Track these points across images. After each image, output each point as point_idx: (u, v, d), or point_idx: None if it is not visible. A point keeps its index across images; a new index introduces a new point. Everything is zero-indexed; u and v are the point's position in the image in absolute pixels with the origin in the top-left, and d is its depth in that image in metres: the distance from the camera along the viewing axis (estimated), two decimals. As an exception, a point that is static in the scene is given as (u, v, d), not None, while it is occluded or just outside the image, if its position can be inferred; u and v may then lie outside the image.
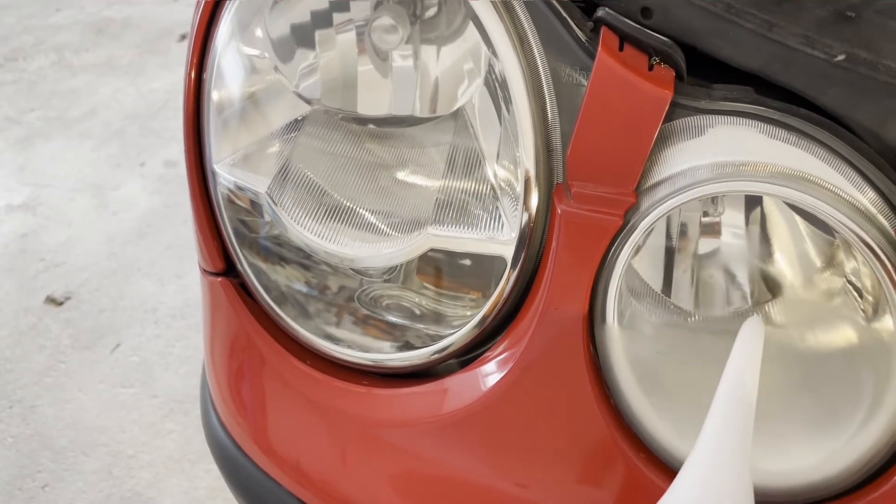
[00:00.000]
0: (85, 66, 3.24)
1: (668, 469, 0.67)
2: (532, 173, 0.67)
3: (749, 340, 0.61)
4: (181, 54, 3.26)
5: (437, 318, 0.80)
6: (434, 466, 0.74)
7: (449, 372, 0.76)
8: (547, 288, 0.66)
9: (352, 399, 0.76)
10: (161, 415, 1.91)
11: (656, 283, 0.73)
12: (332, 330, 0.81)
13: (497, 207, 0.71)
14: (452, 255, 0.76)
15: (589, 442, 0.67)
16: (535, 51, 0.66)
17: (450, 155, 0.77)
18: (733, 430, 0.55)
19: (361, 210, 0.78)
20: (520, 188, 0.68)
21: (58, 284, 2.27)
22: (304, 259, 0.82)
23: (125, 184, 2.62)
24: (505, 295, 0.71)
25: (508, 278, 0.70)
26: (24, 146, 2.83)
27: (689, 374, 0.69)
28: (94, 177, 2.66)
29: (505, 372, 0.69)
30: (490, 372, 0.70)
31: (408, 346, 0.80)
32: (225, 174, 0.79)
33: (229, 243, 0.80)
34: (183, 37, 3.34)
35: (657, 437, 0.66)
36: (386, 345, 0.81)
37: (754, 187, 0.59)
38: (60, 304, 2.21)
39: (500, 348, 0.70)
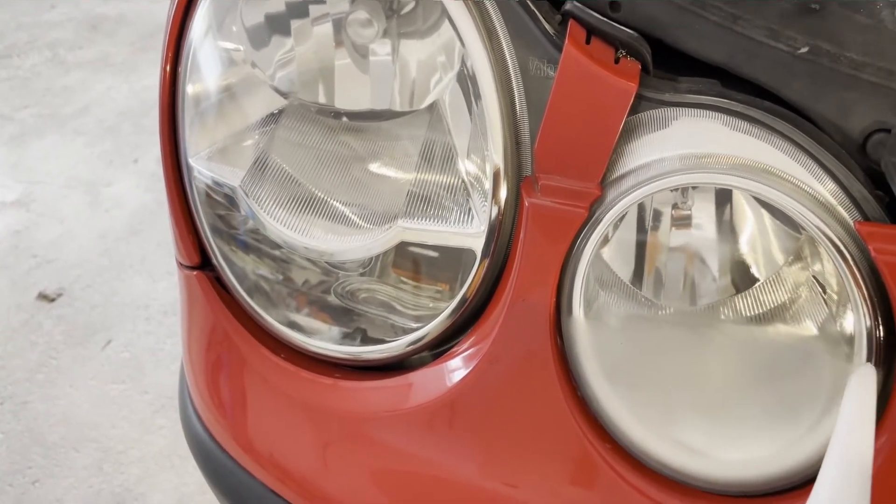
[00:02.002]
0: (79, 63, 3.24)
1: (635, 462, 0.67)
2: (501, 166, 0.67)
3: (861, 393, 0.54)
4: (175, 51, 3.26)
5: (412, 309, 0.81)
6: (404, 460, 0.74)
7: (423, 364, 0.76)
8: (515, 280, 0.66)
9: (322, 392, 0.76)
10: (151, 411, 1.92)
11: (625, 275, 0.73)
12: (307, 322, 0.81)
13: (468, 200, 0.71)
14: (425, 248, 0.77)
15: (556, 434, 0.67)
16: (504, 44, 0.67)
17: (423, 148, 0.77)
18: (850, 488, 0.50)
19: (335, 202, 0.78)
20: (489, 181, 0.68)
21: (50, 281, 2.27)
22: (279, 253, 0.82)
23: (118, 181, 2.63)
24: (476, 287, 0.71)
25: (479, 271, 0.70)
26: (17, 143, 2.83)
27: (656, 367, 0.69)
28: (86, 174, 2.66)
29: (474, 364, 0.69)
30: (458, 365, 0.70)
31: (383, 339, 0.80)
32: (200, 168, 0.79)
33: (204, 237, 0.80)
34: (177, 34, 3.34)
35: (624, 429, 0.67)
36: (361, 337, 0.81)
37: (716, 179, 0.59)
38: (52, 300, 2.21)
39: (470, 341, 0.70)
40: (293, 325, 0.80)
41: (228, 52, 0.78)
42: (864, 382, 0.56)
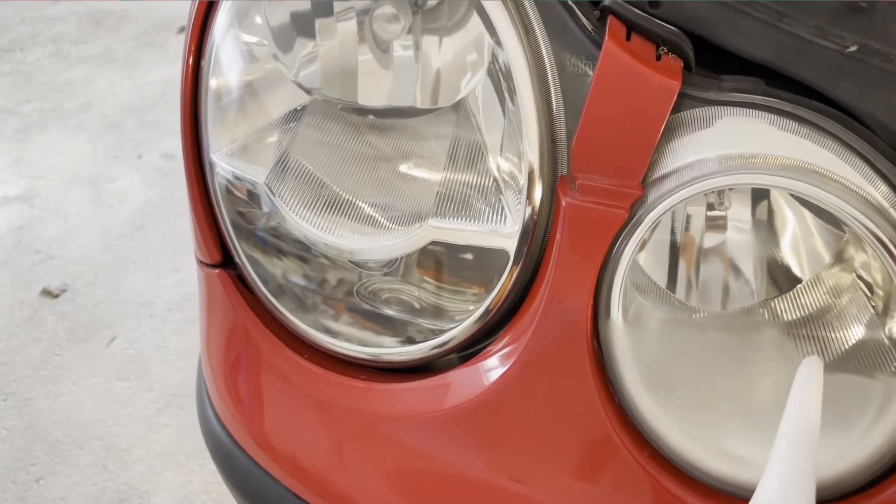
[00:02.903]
0: (82, 58, 3.22)
1: (670, 466, 0.66)
2: (536, 165, 0.66)
3: (808, 378, 0.57)
4: (179, 47, 3.22)
5: (437, 312, 0.79)
6: (434, 462, 0.72)
7: (449, 366, 0.75)
8: (550, 282, 0.64)
9: (352, 394, 0.75)
10: (156, 409, 1.90)
11: (660, 279, 0.72)
12: (331, 323, 0.80)
13: (500, 200, 0.69)
14: (453, 249, 0.75)
15: (591, 439, 0.66)
16: (540, 40, 0.65)
17: (451, 147, 0.76)
18: (797, 471, 0.53)
19: (361, 202, 0.77)
20: (523, 180, 0.66)
21: (53, 277, 2.25)
22: (303, 251, 0.80)
23: (121, 176, 2.61)
24: (507, 290, 0.70)
25: (511, 273, 0.69)
26: (20, 138, 2.81)
27: (696, 372, 0.68)
28: (90, 169, 2.64)
29: (506, 367, 0.67)
30: (491, 367, 0.69)
31: (408, 341, 0.78)
32: (223, 164, 0.77)
33: (227, 235, 0.79)
34: (181, 29, 3.32)
35: (661, 434, 0.65)
36: (385, 339, 0.80)
37: (764, 180, 0.58)
38: (56, 296, 2.20)
39: (502, 343, 0.69)
40: (316, 325, 0.79)
41: (252, 47, 0.77)
42: (810, 373, 0.58)
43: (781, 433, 0.55)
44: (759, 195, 0.70)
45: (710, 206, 0.71)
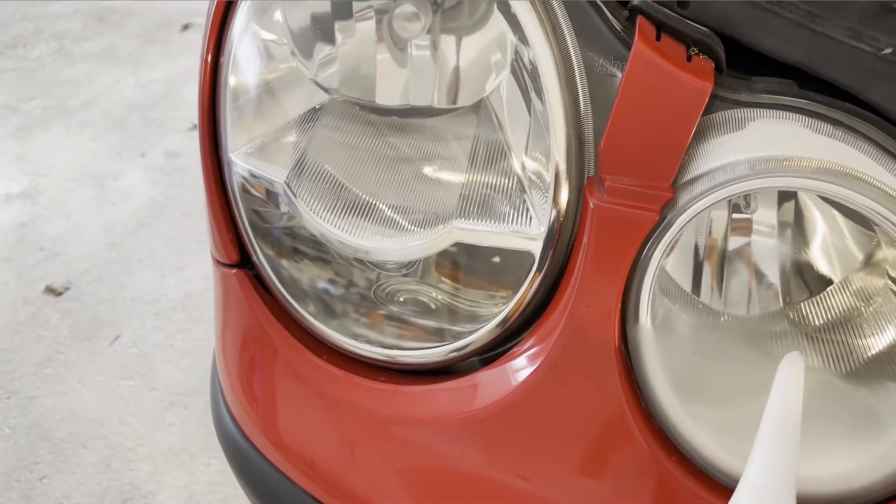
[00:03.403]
0: (85, 55, 3.21)
1: (699, 472, 0.65)
2: (563, 166, 0.65)
3: (789, 374, 0.58)
4: (182, 45, 3.23)
5: (457, 315, 0.79)
6: (455, 466, 0.72)
7: (470, 368, 0.74)
8: (577, 285, 0.64)
9: (373, 396, 0.74)
10: (161, 408, 1.89)
11: (685, 283, 0.71)
12: (349, 324, 0.79)
13: (524, 202, 0.69)
14: (475, 251, 0.74)
15: (619, 443, 0.65)
16: (568, 40, 0.64)
17: (472, 148, 0.75)
18: (779, 466, 0.54)
19: (382, 205, 0.76)
20: (550, 181, 0.65)
21: (57, 274, 2.24)
22: (321, 252, 0.80)
23: (125, 174, 2.60)
24: (530, 294, 0.69)
25: (532, 280, 0.68)
26: (23, 134, 2.80)
27: (722, 377, 0.67)
28: (93, 166, 2.63)
29: (531, 370, 0.67)
30: (515, 370, 0.68)
31: (426, 344, 0.78)
32: (241, 163, 0.77)
33: (245, 234, 0.78)
34: (184, 27, 3.31)
35: (690, 439, 0.64)
36: (403, 341, 0.79)
37: (798, 183, 0.57)
38: (59, 294, 2.19)
39: (526, 346, 0.68)
40: (334, 326, 0.78)
41: (271, 45, 0.76)
42: (791, 370, 0.59)
43: (762, 431, 0.56)
44: (786, 196, 0.69)
45: (736, 209, 0.70)
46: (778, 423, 0.55)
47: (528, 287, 0.69)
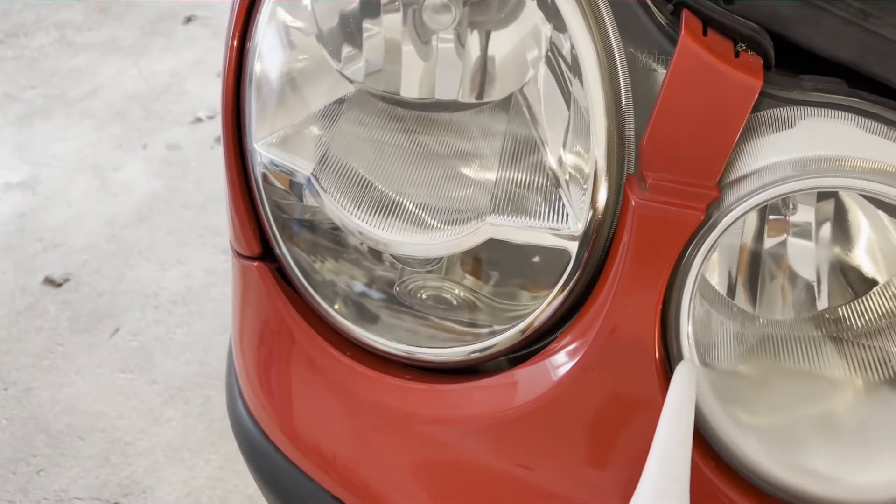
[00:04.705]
0: (87, 46, 3.18)
1: (739, 478, 0.64)
2: (602, 162, 0.63)
3: (681, 382, 0.60)
4: (185, 37, 3.21)
5: (481, 314, 0.77)
6: (481, 464, 0.70)
7: (499, 368, 0.72)
8: (616, 285, 0.62)
9: (400, 394, 0.72)
10: (160, 402, 1.87)
11: (721, 286, 0.70)
12: (372, 320, 0.78)
13: (560, 198, 0.67)
14: (505, 249, 0.72)
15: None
16: (611, 33, 0.63)
17: (503, 145, 0.73)
18: (671, 474, 0.56)
19: (409, 202, 0.74)
20: (589, 177, 0.64)
21: (56, 265, 2.22)
22: (343, 246, 0.78)
23: (126, 165, 2.57)
24: (563, 295, 0.67)
25: (570, 277, 0.66)
26: (23, 124, 2.77)
27: (768, 383, 0.66)
28: (94, 157, 2.61)
29: (565, 371, 0.65)
30: (548, 370, 0.66)
31: (452, 342, 0.76)
32: (265, 153, 0.75)
33: (268, 227, 0.76)
34: (187, 19, 3.29)
35: (730, 445, 0.63)
36: (424, 339, 0.77)
37: (851, 184, 0.56)
38: (59, 285, 2.16)
39: (560, 345, 0.66)
40: (357, 321, 0.76)
41: (298, 32, 0.74)
42: (683, 377, 0.60)
43: (657, 438, 0.58)
44: (825, 196, 0.68)
45: (775, 210, 0.69)
46: (670, 431, 0.58)
47: (562, 287, 0.67)
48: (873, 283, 0.69)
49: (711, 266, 0.69)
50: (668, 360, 0.63)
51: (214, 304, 2.09)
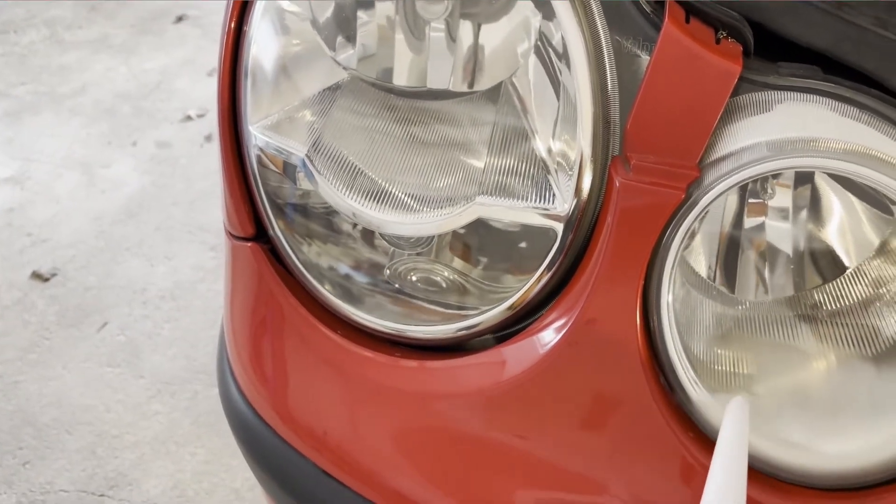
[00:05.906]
0: (77, 43, 3.19)
1: (712, 445, 0.65)
2: (588, 148, 0.65)
3: (735, 415, 0.61)
4: (176, 36, 3.22)
5: (468, 293, 0.79)
6: (469, 440, 0.72)
7: (484, 345, 0.74)
8: (600, 263, 0.64)
9: (387, 371, 0.74)
10: (147, 396, 1.88)
11: (700, 268, 0.72)
12: (362, 299, 0.79)
13: (548, 182, 0.69)
14: (492, 230, 0.75)
15: (639, 422, 0.65)
16: (598, 19, 0.65)
17: (492, 134, 0.75)
18: (729, 498, 0.56)
19: (399, 190, 0.76)
20: (575, 160, 0.66)
21: (44, 260, 2.23)
22: (337, 228, 0.80)
23: (115, 162, 2.58)
24: (548, 275, 0.69)
25: (555, 257, 0.68)
26: (12, 119, 2.78)
27: (745, 357, 0.68)
28: (83, 154, 2.62)
29: (550, 346, 0.67)
30: (534, 346, 0.68)
31: (438, 321, 0.78)
32: (260, 136, 0.77)
33: (262, 208, 0.78)
34: (179, 18, 3.30)
35: (709, 417, 0.65)
36: (413, 317, 0.79)
37: (824, 164, 0.58)
38: (46, 280, 2.17)
39: (544, 323, 0.68)
40: (348, 300, 0.78)
41: (294, 17, 0.76)
42: (738, 413, 0.61)
43: (714, 465, 0.58)
44: (802, 181, 0.70)
45: (753, 194, 0.71)
46: (728, 460, 0.58)
47: (548, 267, 0.69)
48: (844, 268, 0.71)
49: (693, 250, 0.71)
50: (649, 334, 0.65)
51: (202, 300, 2.10)
